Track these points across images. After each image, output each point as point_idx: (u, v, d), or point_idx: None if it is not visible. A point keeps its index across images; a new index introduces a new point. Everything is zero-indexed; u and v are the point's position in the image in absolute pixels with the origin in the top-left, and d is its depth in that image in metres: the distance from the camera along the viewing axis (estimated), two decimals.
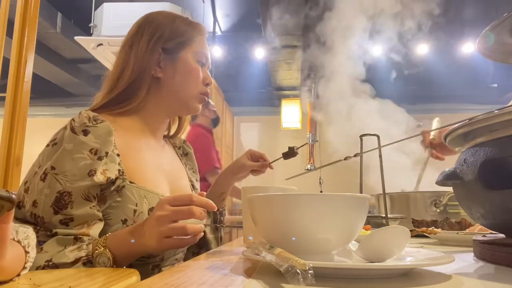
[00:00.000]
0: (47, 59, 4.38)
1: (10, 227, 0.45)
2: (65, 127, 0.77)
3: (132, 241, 0.68)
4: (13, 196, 0.40)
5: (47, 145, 0.77)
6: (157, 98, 0.92)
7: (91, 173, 0.73)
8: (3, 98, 1.35)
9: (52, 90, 5.26)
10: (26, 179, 0.76)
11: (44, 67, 4.50)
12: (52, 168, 0.72)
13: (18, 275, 0.51)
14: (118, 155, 0.79)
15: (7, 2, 1.37)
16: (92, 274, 0.61)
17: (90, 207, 0.73)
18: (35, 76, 1.76)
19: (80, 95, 5.54)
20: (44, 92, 5.04)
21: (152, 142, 0.94)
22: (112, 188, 0.77)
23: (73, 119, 0.78)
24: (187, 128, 1.08)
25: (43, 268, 0.65)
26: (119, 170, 0.78)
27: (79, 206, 0.72)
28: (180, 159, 1.07)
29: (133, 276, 0.57)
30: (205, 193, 0.71)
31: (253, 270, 0.50)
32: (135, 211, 0.78)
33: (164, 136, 1.05)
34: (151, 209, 0.80)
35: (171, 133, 1.07)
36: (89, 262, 0.67)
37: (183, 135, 1.11)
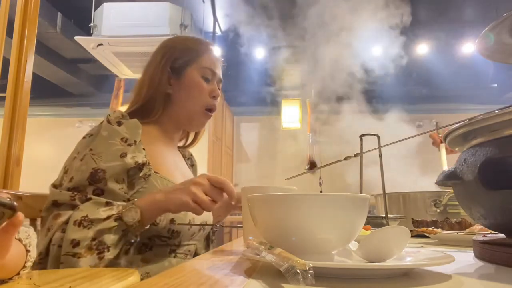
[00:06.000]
0: (47, 59, 4.38)
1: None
2: (102, 122, 0.91)
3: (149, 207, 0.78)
4: (15, 203, 0.41)
5: (84, 137, 0.90)
6: (170, 113, 1.03)
7: (122, 155, 0.85)
8: (3, 98, 1.35)
9: (52, 90, 5.24)
10: (65, 164, 0.88)
11: (44, 67, 4.50)
12: (90, 149, 0.85)
13: (18, 273, 0.51)
14: (143, 149, 0.90)
15: (7, 2, 1.37)
16: (92, 274, 0.61)
17: (119, 189, 0.83)
18: (35, 76, 1.76)
19: (80, 95, 5.54)
20: (44, 92, 5.03)
21: (170, 148, 1.05)
22: (140, 175, 0.88)
23: (109, 115, 0.92)
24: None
25: (80, 222, 0.74)
26: (145, 161, 0.89)
27: (110, 185, 0.82)
28: (189, 168, 1.17)
29: (133, 276, 0.57)
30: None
31: (253, 270, 0.50)
32: None
33: (178, 146, 1.15)
34: None
35: (187, 143, 1.18)
36: (119, 218, 0.77)
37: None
